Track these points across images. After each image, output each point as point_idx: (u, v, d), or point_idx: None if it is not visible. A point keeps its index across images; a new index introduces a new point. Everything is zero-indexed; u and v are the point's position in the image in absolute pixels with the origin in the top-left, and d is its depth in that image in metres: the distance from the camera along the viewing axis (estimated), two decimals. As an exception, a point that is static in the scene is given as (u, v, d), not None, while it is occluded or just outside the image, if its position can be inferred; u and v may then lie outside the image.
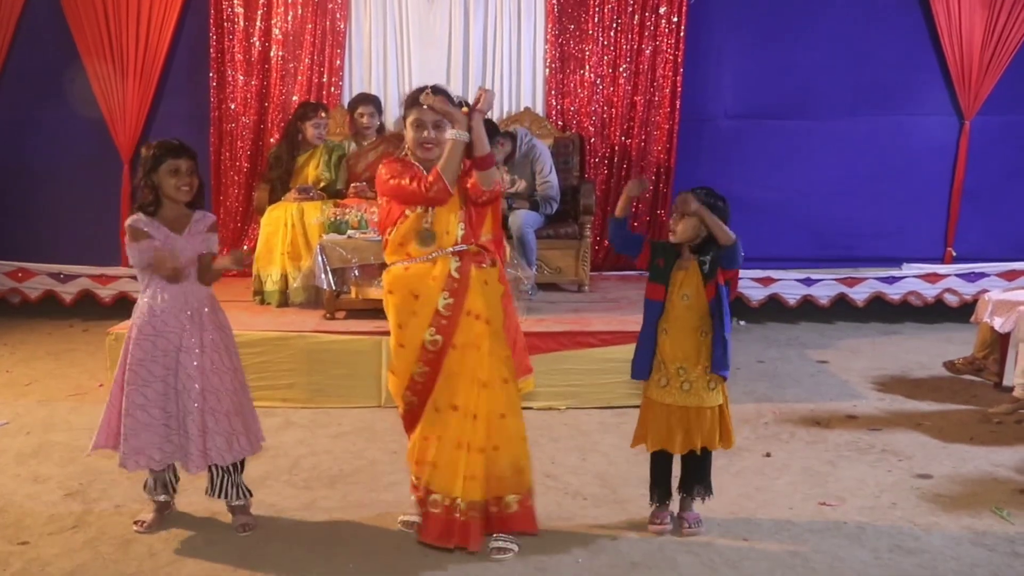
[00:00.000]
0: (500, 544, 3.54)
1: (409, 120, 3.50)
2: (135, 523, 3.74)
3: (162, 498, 3.79)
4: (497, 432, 3.50)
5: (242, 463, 3.77)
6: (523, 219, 6.16)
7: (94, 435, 3.69)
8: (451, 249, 3.49)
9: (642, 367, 3.65)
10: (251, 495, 3.80)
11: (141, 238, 3.55)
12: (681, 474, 3.76)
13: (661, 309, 3.59)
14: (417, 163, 3.51)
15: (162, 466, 3.66)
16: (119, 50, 6.98)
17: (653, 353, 3.62)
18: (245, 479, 3.79)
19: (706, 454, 3.70)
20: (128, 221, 3.60)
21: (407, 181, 3.45)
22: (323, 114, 6.41)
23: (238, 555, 3.52)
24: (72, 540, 3.63)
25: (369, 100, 6.58)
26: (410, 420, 3.62)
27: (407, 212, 3.48)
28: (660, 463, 3.74)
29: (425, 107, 3.42)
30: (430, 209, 3.47)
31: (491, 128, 5.90)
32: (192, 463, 3.59)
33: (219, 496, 3.74)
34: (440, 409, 3.51)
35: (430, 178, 3.41)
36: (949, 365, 5.90)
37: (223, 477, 3.71)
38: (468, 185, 3.49)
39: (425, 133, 3.46)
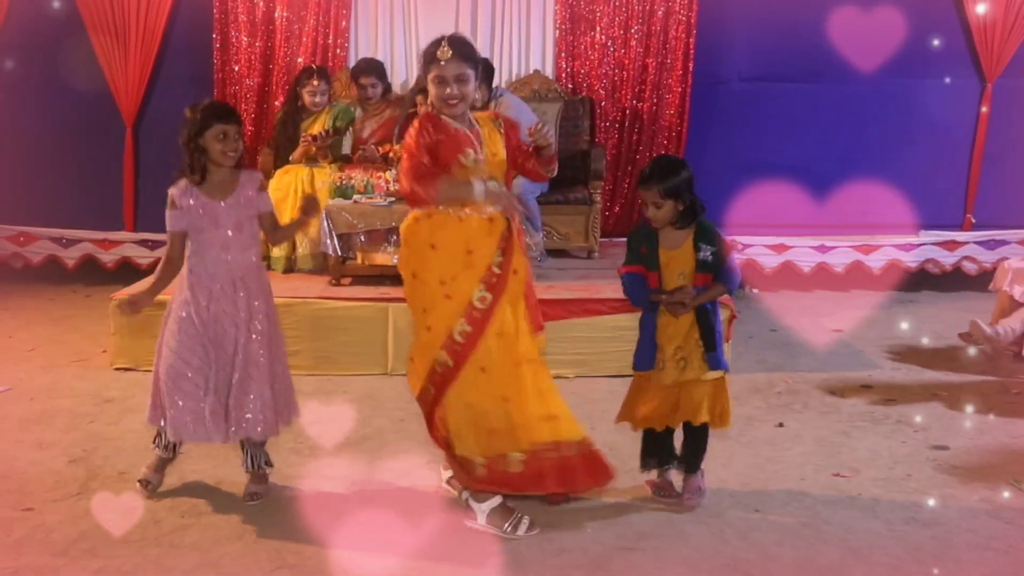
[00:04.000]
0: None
1: (431, 77, 3.40)
2: (139, 482, 3.72)
3: (167, 454, 3.76)
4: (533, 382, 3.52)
5: None
6: (523, 185, 6.04)
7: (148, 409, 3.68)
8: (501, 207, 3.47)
9: (647, 358, 3.59)
10: (270, 466, 3.77)
11: (174, 207, 3.53)
12: (681, 452, 3.71)
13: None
14: (446, 128, 3.41)
15: (202, 439, 3.60)
16: (120, 11, 6.84)
17: (655, 341, 3.56)
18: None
19: (702, 431, 3.62)
20: (171, 188, 3.55)
21: (419, 167, 3.36)
22: (315, 82, 6.25)
23: (242, 523, 3.49)
24: (76, 506, 3.61)
25: (371, 70, 6.43)
26: (439, 385, 3.43)
27: (463, 161, 3.38)
28: (658, 436, 3.68)
29: (443, 63, 3.34)
30: (482, 168, 3.42)
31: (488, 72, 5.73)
32: (221, 434, 3.55)
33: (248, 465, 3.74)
34: (487, 369, 3.43)
35: (431, 192, 3.35)
36: (965, 336, 5.80)
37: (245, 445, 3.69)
38: (523, 156, 3.58)
39: (448, 90, 3.36)
